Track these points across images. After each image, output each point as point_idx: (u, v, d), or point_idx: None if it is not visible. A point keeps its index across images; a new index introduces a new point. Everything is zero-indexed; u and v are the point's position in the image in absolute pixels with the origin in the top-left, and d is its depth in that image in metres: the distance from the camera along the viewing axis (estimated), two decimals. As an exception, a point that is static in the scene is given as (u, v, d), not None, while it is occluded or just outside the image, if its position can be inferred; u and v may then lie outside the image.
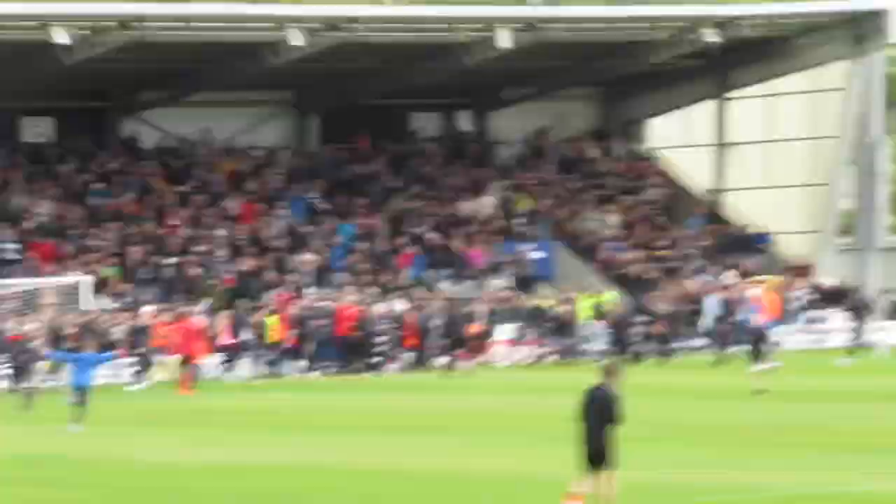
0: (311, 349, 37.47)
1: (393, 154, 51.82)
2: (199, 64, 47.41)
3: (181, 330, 34.05)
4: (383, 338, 37.80)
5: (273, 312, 36.47)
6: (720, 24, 51.75)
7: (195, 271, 41.48)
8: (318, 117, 53.55)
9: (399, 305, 38.66)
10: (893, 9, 54.69)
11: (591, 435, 10.84)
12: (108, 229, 43.59)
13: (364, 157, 51.46)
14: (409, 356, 37.66)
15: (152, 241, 43.16)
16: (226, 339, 35.95)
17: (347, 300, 39.33)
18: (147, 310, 36.97)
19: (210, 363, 35.84)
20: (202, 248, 43.32)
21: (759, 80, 56.32)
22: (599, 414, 10.89)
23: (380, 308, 38.44)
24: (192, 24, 42.84)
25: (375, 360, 38.00)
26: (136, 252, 41.50)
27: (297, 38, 41.69)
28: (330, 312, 38.12)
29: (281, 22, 41.73)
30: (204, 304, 37.72)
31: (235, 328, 36.01)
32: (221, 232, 43.10)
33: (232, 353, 35.65)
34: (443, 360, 36.72)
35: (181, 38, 43.93)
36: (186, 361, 33.28)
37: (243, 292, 39.84)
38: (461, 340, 38.28)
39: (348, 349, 37.05)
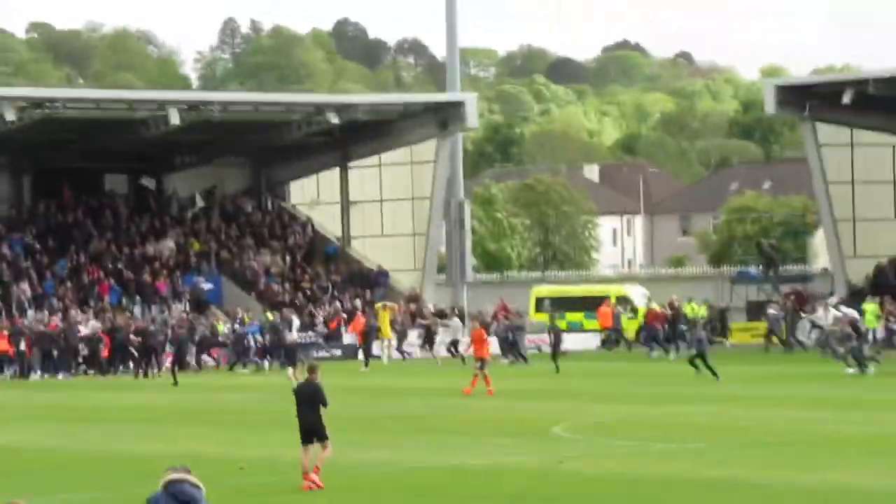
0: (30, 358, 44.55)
1: (92, 206, 60.13)
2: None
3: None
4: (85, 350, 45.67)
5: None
6: (340, 109, 60.24)
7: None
8: (30, 177, 61.04)
9: (99, 324, 46.45)
10: (469, 100, 64.44)
11: (307, 417, 14.44)
12: None
13: (68, 208, 59.25)
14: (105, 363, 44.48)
15: None
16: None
17: (56, 320, 46.67)
18: None
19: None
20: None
21: (373, 153, 64.93)
22: (311, 401, 14.58)
23: (82, 327, 46.09)
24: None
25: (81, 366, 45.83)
26: None
27: (9, 114, 48.51)
28: (44, 329, 45.28)
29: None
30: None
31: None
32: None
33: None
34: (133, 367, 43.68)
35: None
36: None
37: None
38: (149, 350, 45.30)
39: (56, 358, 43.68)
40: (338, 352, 52.42)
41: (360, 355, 47.95)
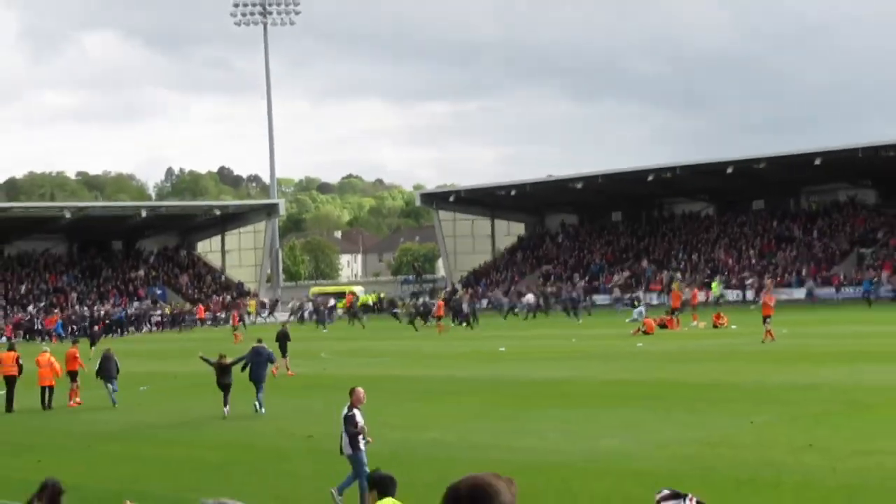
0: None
1: (107, 255, 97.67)
2: None
3: None
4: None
5: None
6: (220, 208, 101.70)
7: None
8: (78, 243, 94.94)
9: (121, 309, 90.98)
10: (280, 203, 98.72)
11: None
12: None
13: (100, 257, 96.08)
14: None
15: None
16: None
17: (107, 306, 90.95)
18: None
19: None
20: None
21: (237, 227, 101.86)
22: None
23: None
24: None
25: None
26: None
27: (67, 213, 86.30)
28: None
29: None
30: None
31: None
32: None
33: None
34: None
35: None
36: None
37: None
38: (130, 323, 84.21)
39: None
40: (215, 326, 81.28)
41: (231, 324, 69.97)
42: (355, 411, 17.09)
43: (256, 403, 29.15)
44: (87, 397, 34.51)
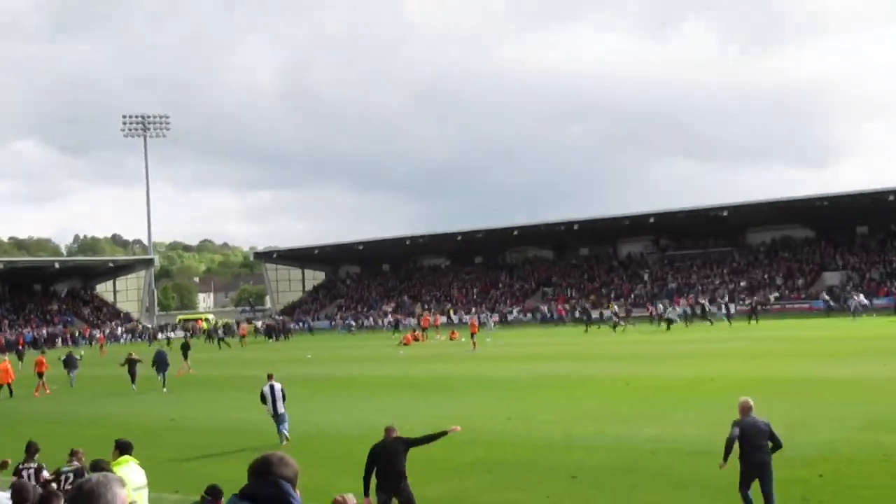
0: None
1: (43, 296, 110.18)
2: None
3: None
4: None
5: None
6: (114, 262, 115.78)
7: None
8: (9, 286, 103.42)
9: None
10: (156, 258, 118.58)
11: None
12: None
13: (36, 300, 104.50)
14: None
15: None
16: None
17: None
18: None
19: None
20: None
21: (125, 275, 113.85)
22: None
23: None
24: None
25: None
26: None
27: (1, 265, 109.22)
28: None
29: None
30: None
31: None
32: None
33: None
34: None
35: None
36: None
37: None
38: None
39: None
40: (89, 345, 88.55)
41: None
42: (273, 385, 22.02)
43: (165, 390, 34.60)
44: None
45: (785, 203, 79.45)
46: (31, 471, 12.77)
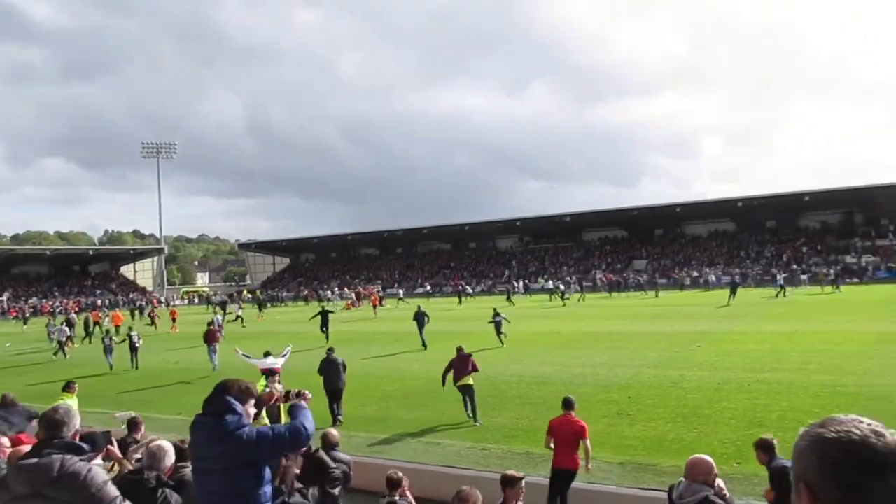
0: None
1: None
2: None
3: None
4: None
5: None
6: (133, 249, 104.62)
7: None
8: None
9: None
10: (165, 247, 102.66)
11: None
12: None
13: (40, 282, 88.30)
14: None
15: None
16: None
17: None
18: None
19: None
20: None
21: (142, 259, 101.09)
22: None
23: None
24: None
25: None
26: None
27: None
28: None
29: None
30: None
31: None
32: None
33: None
34: None
35: None
36: None
37: None
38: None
39: None
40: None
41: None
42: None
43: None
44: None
45: (608, 212, 79.42)
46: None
